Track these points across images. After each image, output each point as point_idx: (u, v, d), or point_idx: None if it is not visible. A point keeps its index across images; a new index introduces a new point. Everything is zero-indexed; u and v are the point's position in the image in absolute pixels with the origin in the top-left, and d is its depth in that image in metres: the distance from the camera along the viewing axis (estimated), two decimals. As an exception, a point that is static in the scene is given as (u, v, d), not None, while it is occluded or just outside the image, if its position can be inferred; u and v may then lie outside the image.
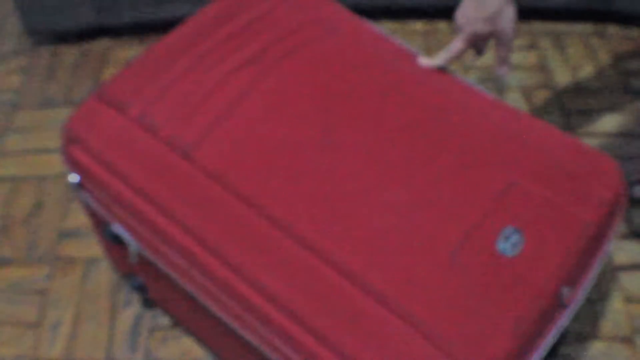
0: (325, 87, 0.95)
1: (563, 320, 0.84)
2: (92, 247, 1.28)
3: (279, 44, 0.99)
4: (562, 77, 1.56)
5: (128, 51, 1.63)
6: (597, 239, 0.87)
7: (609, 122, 1.46)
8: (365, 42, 1.02)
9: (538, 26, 1.67)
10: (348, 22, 1.05)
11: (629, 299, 1.20)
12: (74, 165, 0.96)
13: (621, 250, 1.26)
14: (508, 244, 0.81)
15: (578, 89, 1.53)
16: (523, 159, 0.89)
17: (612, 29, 1.67)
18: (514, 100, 1.51)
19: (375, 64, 0.98)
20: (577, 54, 1.61)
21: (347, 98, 0.93)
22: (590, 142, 1.43)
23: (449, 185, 0.85)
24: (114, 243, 1.00)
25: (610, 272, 1.23)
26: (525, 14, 1.69)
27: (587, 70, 1.57)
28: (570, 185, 0.87)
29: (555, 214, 0.85)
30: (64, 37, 1.66)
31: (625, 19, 1.68)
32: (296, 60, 0.98)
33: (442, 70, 1.00)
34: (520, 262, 0.80)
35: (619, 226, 1.27)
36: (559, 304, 0.82)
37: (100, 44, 1.65)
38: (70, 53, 1.63)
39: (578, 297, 0.86)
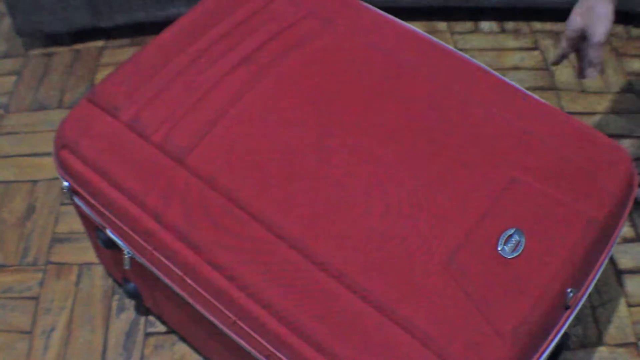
0: (320, 86, 0.94)
1: (566, 323, 0.83)
2: (86, 252, 1.27)
3: (273, 42, 0.99)
4: (564, 78, 1.55)
5: (122, 53, 1.62)
6: (603, 236, 0.87)
7: (612, 124, 1.46)
8: (363, 33, 1.00)
9: (539, 26, 1.67)
10: (345, 11, 1.04)
11: (633, 304, 1.19)
12: (66, 170, 0.96)
13: (625, 254, 1.25)
14: (509, 245, 0.81)
15: (580, 89, 1.52)
16: (527, 153, 0.88)
17: (616, 29, 1.66)
18: (515, 101, 1.50)
19: (373, 58, 0.97)
20: (578, 54, 1.60)
21: (343, 97, 0.93)
22: (593, 144, 1.41)
23: (448, 184, 0.85)
24: (108, 248, 1.00)
25: (615, 277, 1.22)
26: (527, 13, 1.68)
27: (588, 71, 1.56)
28: (576, 178, 0.87)
29: (558, 211, 0.84)
30: (56, 39, 1.65)
31: (629, 19, 1.67)
32: (291, 60, 0.97)
33: (447, 51, 0.98)
34: (521, 263, 0.80)
35: (623, 228, 1.26)
36: (562, 306, 0.82)
37: (94, 46, 1.64)
38: (63, 55, 1.62)
39: (583, 297, 0.85)
